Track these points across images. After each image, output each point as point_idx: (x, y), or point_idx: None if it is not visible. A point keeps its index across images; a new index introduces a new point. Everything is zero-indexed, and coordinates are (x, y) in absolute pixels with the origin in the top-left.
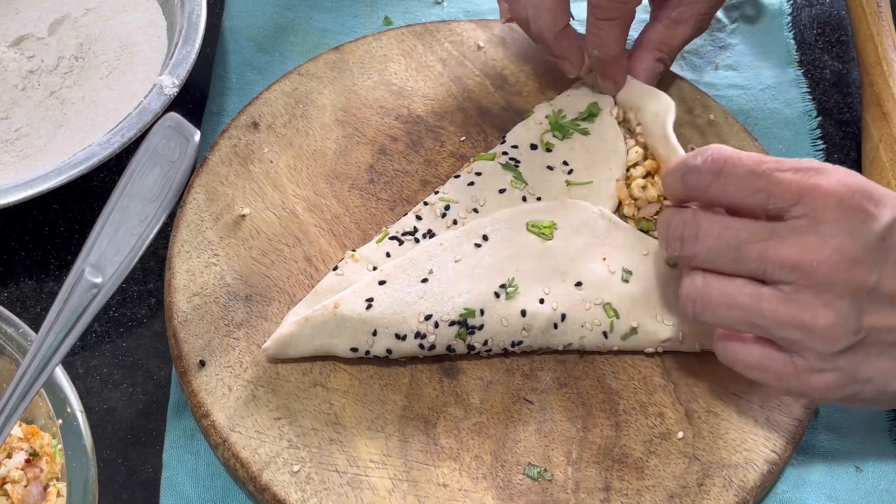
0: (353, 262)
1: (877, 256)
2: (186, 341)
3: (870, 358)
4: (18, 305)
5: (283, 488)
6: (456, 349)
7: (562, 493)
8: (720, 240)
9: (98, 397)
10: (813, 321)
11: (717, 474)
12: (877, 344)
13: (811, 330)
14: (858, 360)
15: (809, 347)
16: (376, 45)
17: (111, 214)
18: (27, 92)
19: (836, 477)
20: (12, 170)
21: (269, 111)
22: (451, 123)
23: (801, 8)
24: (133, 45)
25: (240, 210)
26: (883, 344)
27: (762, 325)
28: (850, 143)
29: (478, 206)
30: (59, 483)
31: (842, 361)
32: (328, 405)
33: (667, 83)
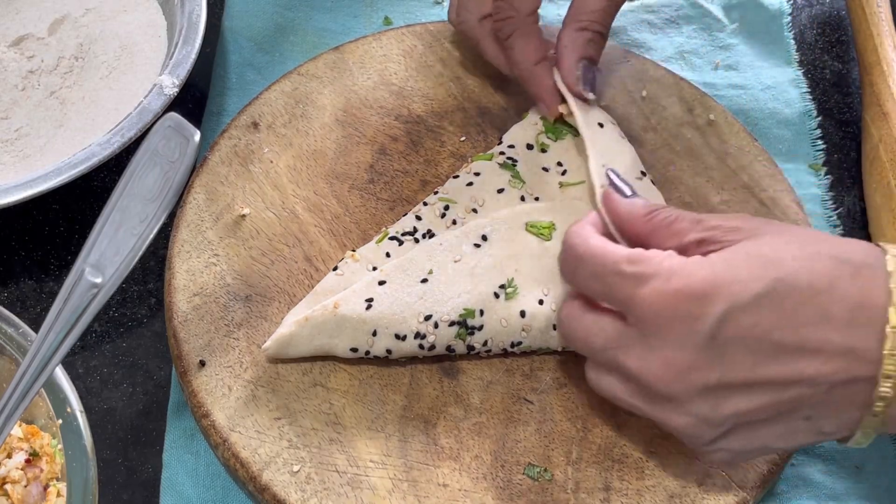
0: (353, 262)
1: (712, 356)
2: (186, 341)
3: (755, 433)
4: (18, 305)
5: (283, 488)
6: (456, 349)
7: (562, 493)
8: (585, 345)
9: (98, 397)
10: (672, 423)
11: (717, 474)
12: (754, 424)
13: (673, 426)
14: (741, 439)
15: (681, 436)
16: (376, 45)
17: (111, 214)
18: (27, 92)
19: (836, 477)
20: (12, 170)
21: (269, 111)
22: (451, 123)
23: (801, 8)
24: (133, 45)
25: (240, 210)
26: (760, 422)
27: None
28: (850, 143)
29: (477, 207)
30: (59, 483)
31: (723, 444)
32: (328, 405)
33: (667, 83)
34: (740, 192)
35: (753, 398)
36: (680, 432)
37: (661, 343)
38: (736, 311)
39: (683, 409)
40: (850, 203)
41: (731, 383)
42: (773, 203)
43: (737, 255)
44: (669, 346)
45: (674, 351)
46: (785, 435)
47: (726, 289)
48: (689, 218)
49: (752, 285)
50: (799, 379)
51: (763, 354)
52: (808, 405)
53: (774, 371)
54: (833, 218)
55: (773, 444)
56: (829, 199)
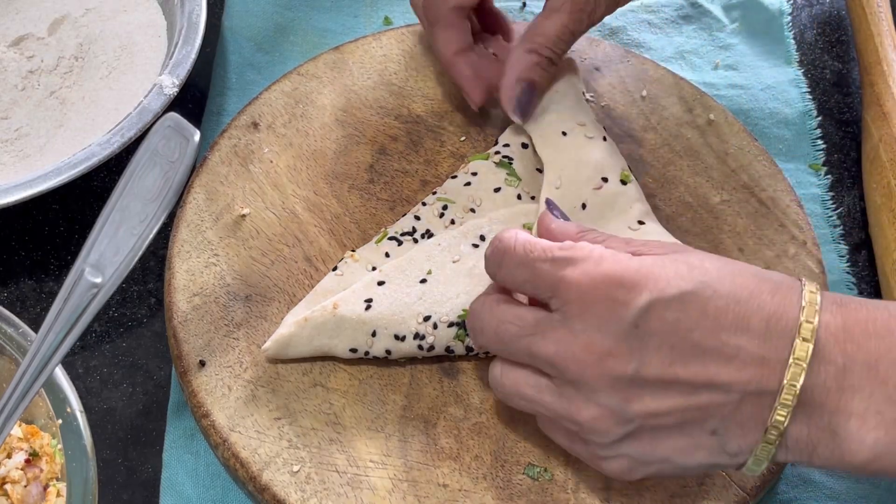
0: (352, 262)
1: (632, 345)
2: (186, 341)
3: (658, 441)
4: (18, 305)
5: (283, 488)
6: (455, 350)
7: (562, 493)
8: (496, 335)
9: (98, 397)
10: (578, 415)
11: (717, 474)
12: (660, 428)
13: (581, 421)
14: (644, 444)
15: (587, 438)
16: (376, 45)
17: (111, 214)
18: (27, 92)
19: (836, 477)
20: (12, 170)
21: (269, 111)
22: (451, 123)
23: (801, 8)
24: (133, 45)
25: (240, 210)
26: (667, 427)
27: (547, 415)
28: (850, 143)
29: (474, 206)
30: (59, 483)
31: (625, 448)
32: (328, 405)
33: (667, 83)
34: (740, 192)
35: (664, 399)
36: (584, 426)
37: (582, 326)
38: (660, 304)
39: (593, 399)
40: (850, 203)
41: (645, 378)
42: (773, 203)
43: (666, 259)
44: (591, 330)
45: (595, 335)
46: (687, 449)
47: (654, 282)
48: (619, 239)
49: (678, 282)
50: (711, 383)
51: (680, 352)
52: (718, 416)
53: (689, 372)
54: (833, 218)
55: (673, 458)
56: (829, 199)
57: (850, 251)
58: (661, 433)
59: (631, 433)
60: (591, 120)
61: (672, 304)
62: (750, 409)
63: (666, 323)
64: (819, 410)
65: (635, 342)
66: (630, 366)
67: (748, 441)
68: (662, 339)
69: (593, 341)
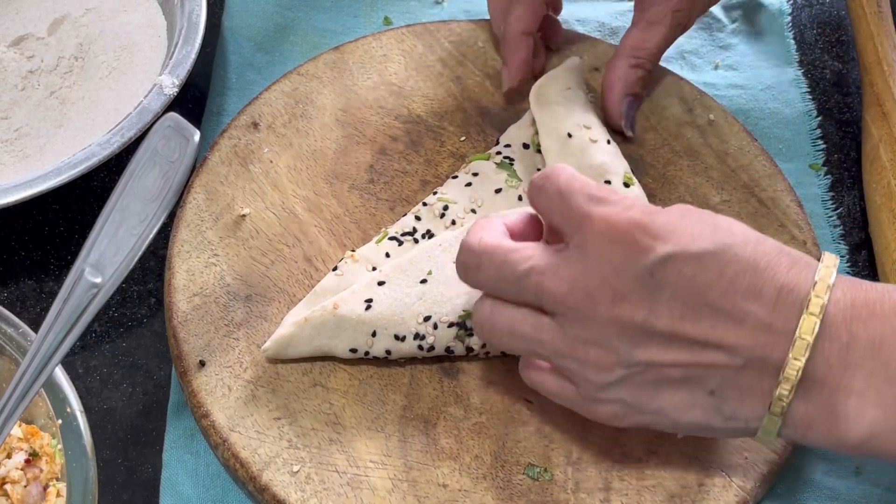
0: (352, 262)
1: (645, 292)
2: (186, 341)
3: (656, 392)
4: (18, 305)
5: (283, 488)
6: (455, 351)
7: (562, 493)
8: (499, 272)
9: (98, 397)
10: (584, 353)
11: (717, 474)
12: (661, 380)
13: (583, 361)
14: (641, 393)
15: (585, 378)
16: (376, 45)
17: (111, 214)
18: (27, 92)
19: (836, 477)
20: (12, 170)
21: (269, 111)
22: (451, 123)
23: (801, 8)
24: (133, 45)
25: (240, 210)
26: (670, 380)
27: (543, 354)
28: (850, 143)
29: (475, 207)
30: (58, 483)
31: (622, 393)
32: (328, 405)
33: (667, 83)
34: (740, 192)
35: (670, 351)
36: (585, 366)
37: (599, 265)
38: (680, 258)
39: (600, 340)
40: (850, 203)
41: (654, 328)
42: (773, 203)
43: (694, 216)
44: (607, 270)
45: (610, 275)
46: (683, 405)
47: (677, 236)
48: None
49: (701, 241)
50: (718, 343)
51: (692, 309)
52: (719, 377)
53: (698, 329)
54: (833, 218)
55: (668, 412)
56: (829, 199)
57: (850, 251)
58: (660, 385)
59: (630, 378)
60: (596, 122)
61: (691, 260)
62: (751, 376)
63: (682, 277)
64: (819, 386)
65: (649, 290)
66: (641, 312)
67: (745, 407)
68: (676, 292)
69: (608, 281)
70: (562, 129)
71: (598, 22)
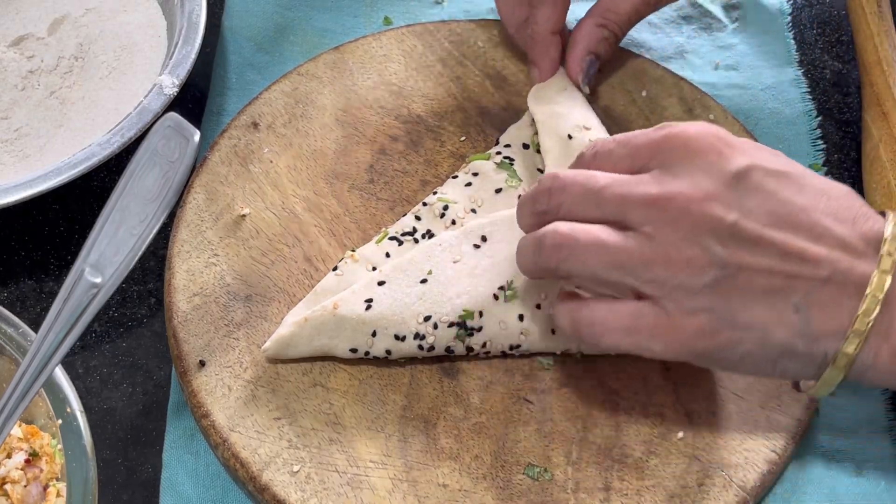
0: (352, 262)
1: (734, 195)
2: (186, 341)
3: (746, 302)
4: (18, 305)
5: (283, 488)
6: (455, 350)
7: (562, 493)
8: (585, 185)
9: (98, 397)
10: (676, 254)
11: (717, 474)
12: (751, 288)
13: (675, 263)
14: (733, 302)
15: (676, 285)
16: (376, 45)
17: (111, 214)
18: (27, 92)
19: (836, 477)
20: (12, 170)
21: (269, 111)
22: (451, 123)
23: (801, 8)
24: (133, 45)
25: (240, 210)
26: (757, 289)
27: (628, 266)
28: (850, 143)
29: (476, 207)
30: (58, 483)
31: (713, 301)
32: (328, 405)
33: (667, 83)
34: None
35: (758, 256)
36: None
37: (688, 169)
38: (761, 170)
39: (693, 238)
40: None
41: (743, 231)
42: None
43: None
44: (698, 171)
45: (701, 176)
46: (771, 321)
47: (754, 152)
48: None
49: (777, 163)
50: (802, 255)
51: (776, 218)
52: (802, 291)
53: (783, 238)
54: None
55: (756, 328)
56: None
57: None
58: (748, 295)
59: (721, 283)
60: (596, 123)
61: (771, 175)
62: (833, 291)
63: (765, 187)
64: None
65: (737, 193)
66: (731, 214)
67: (829, 322)
68: (761, 200)
69: (699, 181)
70: (562, 129)
71: None
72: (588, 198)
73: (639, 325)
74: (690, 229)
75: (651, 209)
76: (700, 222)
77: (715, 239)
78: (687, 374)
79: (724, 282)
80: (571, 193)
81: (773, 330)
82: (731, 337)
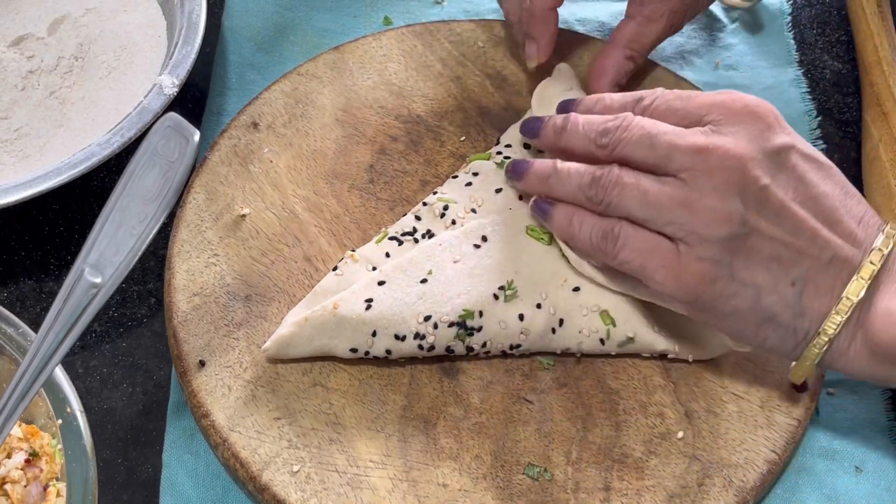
0: (352, 262)
1: (771, 165)
2: (186, 341)
3: (750, 263)
4: (18, 305)
5: (283, 488)
6: (455, 350)
7: (562, 493)
8: (646, 129)
9: (98, 397)
10: (701, 202)
11: (717, 474)
12: (758, 252)
13: (698, 211)
14: (739, 259)
15: (692, 230)
16: (376, 45)
17: (111, 214)
18: (27, 92)
19: (836, 477)
20: (12, 170)
21: (269, 111)
22: (451, 123)
23: (801, 8)
24: (133, 45)
25: (240, 210)
26: (764, 254)
27: (657, 206)
28: (850, 143)
29: (476, 207)
30: (58, 483)
31: (720, 253)
32: (328, 405)
33: (667, 83)
34: None
35: (774, 226)
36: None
37: (736, 129)
38: (798, 151)
39: (723, 190)
40: None
41: (770, 198)
42: None
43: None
44: (745, 134)
45: (745, 139)
46: (767, 286)
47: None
48: None
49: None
50: (814, 234)
51: (802, 196)
52: (804, 266)
53: (802, 215)
54: None
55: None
56: None
57: None
58: (753, 258)
59: (732, 240)
60: None
61: (807, 158)
62: (830, 276)
63: (798, 168)
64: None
65: (773, 164)
66: (765, 178)
67: (816, 304)
68: (792, 177)
69: (742, 143)
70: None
71: (598, 22)
72: (643, 140)
73: (653, 253)
74: (723, 181)
75: (693, 157)
76: (734, 178)
77: (741, 198)
78: (687, 374)
79: (736, 239)
80: (633, 135)
81: (766, 294)
82: (726, 288)
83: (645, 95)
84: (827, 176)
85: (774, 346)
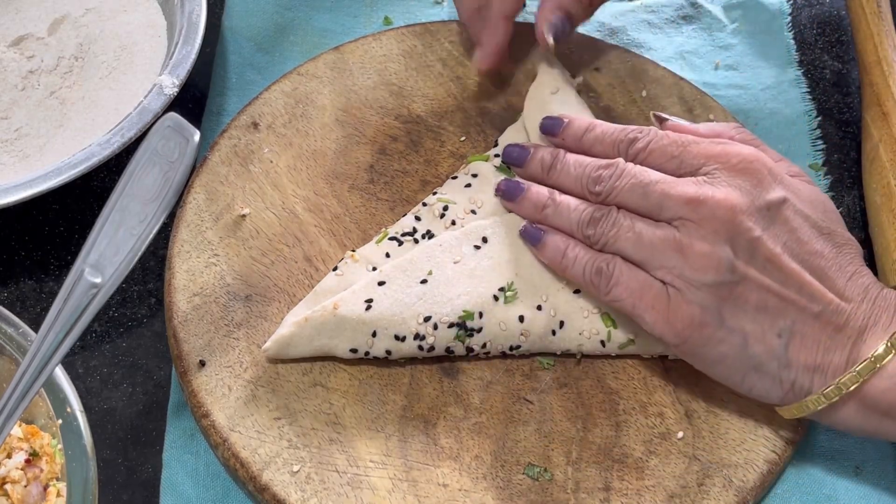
0: (352, 262)
1: (763, 218)
2: (186, 341)
3: (738, 311)
4: (18, 305)
5: (283, 488)
6: (455, 351)
7: (562, 493)
8: (635, 179)
9: (98, 397)
10: (692, 248)
11: (717, 474)
12: (746, 300)
13: (688, 256)
14: (727, 306)
15: (683, 275)
16: (376, 45)
17: (111, 214)
18: (27, 92)
19: (836, 477)
20: (12, 170)
21: (269, 111)
22: (451, 123)
23: (801, 8)
24: (133, 45)
25: (240, 210)
26: (751, 303)
27: (649, 249)
28: (850, 143)
29: (475, 208)
30: (59, 483)
31: (708, 299)
32: (328, 405)
33: (667, 83)
34: None
35: (763, 275)
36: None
37: (730, 182)
38: (792, 207)
39: (712, 239)
40: (850, 203)
41: (760, 249)
42: None
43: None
44: (738, 188)
45: (738, 192)
46: (754, 335)
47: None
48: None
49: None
50: (802, 286)
51: (791, 250)
52: (791, 318)
53: (792, 268)
54: None
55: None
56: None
57: None
58: (741, 307)
59: (721, 287)
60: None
61: (801, 214)
62: (817, 329)
63: (790, 222)
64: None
65: (766, 218)
66: (757, 230)
67: (802, 356)
68: (783, 231)
69: (735, 195)
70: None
71: (598, 22)
72: (636, 189)
73: (644, 293)
74: (713, 230)
75: (685, 207)
76: (724, 227)
77: (732, 246)
78: (687, 374)
79: (725, 286)
80: (626, 183)
81: (753, 343)
82: (714, 334)
83: (638, 137)
84: (820, 231)
85: (761, 394)
